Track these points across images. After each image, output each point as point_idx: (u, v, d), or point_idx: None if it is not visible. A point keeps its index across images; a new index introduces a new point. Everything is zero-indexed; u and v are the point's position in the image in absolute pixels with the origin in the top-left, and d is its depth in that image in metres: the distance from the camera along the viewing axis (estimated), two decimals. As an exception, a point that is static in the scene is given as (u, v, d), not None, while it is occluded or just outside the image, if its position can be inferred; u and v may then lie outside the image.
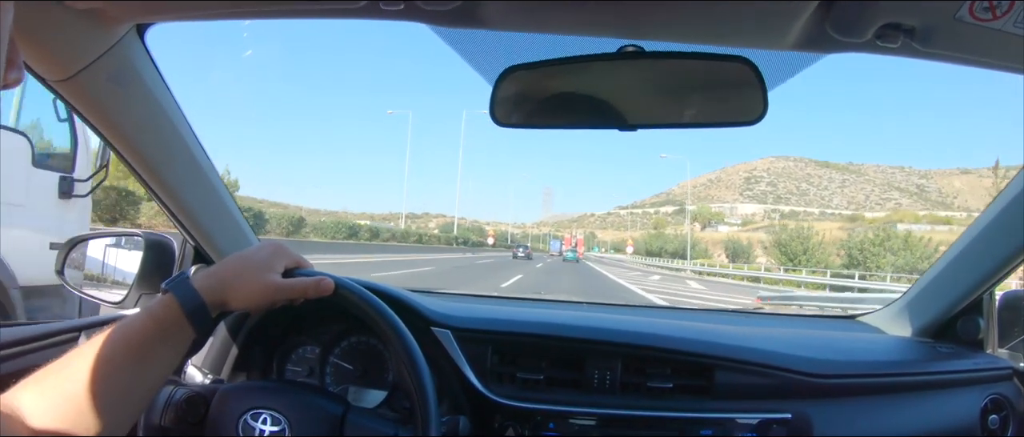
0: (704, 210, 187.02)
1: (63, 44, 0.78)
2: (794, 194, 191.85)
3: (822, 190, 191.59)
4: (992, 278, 1.20)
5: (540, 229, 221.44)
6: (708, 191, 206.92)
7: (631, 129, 0.84)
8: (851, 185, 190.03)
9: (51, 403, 0.61)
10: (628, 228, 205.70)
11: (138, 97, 0.91)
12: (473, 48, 0.80)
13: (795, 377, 1.05)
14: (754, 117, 0.79)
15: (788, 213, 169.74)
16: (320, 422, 0.79)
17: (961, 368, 1.19)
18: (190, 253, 1.17)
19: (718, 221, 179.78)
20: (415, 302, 1.05)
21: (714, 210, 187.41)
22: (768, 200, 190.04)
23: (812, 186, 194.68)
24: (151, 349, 0.68)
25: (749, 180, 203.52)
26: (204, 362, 1.00)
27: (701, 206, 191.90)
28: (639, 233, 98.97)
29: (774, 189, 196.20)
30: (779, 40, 0.73)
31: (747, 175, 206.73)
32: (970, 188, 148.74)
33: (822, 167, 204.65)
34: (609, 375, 1.04)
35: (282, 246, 0.80)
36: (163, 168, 1.00)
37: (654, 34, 0.75)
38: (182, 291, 0.71)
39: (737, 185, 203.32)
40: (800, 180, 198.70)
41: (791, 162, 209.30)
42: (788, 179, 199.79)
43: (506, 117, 0.85)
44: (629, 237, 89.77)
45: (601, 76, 0.83)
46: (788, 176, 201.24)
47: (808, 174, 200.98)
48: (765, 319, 1.62)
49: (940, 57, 0.76)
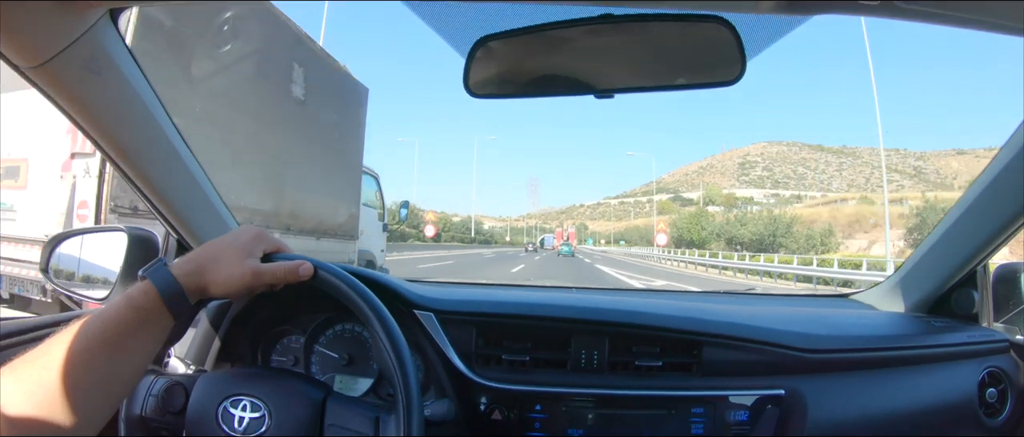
0: (714, 191, 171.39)
1: (35, 30, 0.76)
2: (792, 178, 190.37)
3: (820, 174, 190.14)
4: (985, 251, 1.19)
5: (527, 222, 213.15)
6: (701, 178, 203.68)
7: (607, 95, 0.83)
8: (849, 168, 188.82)
9: (27, 392, 0.61)
10: (620, 218, 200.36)
11: (113, 84, 0.89)
12: (444, 19, 0.79)
13: (787, 352, 1.03)
14: (732, 77, 0.78)
15: (789, 197, 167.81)
16: (301, 407, 0.78)
17: (957, 341, 1.18)
18: (173, 247, 1.16)
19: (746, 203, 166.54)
20: (397, 285, 1.04)
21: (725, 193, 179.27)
22: (766, 185, 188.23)
23: (809, 170, 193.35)
24: (129, 337, 0.68)
25: (744, 165, 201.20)
26: (187, 353, 0.99)
27: (710, 188, 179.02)
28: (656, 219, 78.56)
29: (771, 174, 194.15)
30: (755, 2, 0.72)
31: (741, 160, 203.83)
32: (968, 168, 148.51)
33: (817, 151, 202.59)
34: (596, 354, 1.03)
35: (261, 231, 0.80)
36: (141, 156, 0.99)
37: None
38: (159, 277, 0.71)
39: (731, 171, 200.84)
40: (796, 164, 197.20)
41: (784, 146, 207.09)
42: (784, 163, 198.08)
43: (480, 88, 0.84)
44: (662, 221, 69.50)
45: (576, 43, 0.81)
46: (784, 160, 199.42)
47: (803, 158, 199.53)
48: (755, 298, 1.61)
49: (922, 16, 0.74)
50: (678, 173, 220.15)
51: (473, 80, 0.83)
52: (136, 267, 1.12)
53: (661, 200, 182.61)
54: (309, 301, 1.04)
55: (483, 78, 0.84)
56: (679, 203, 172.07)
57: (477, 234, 60.56)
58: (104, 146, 0.95)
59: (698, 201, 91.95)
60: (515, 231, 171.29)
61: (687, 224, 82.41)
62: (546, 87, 0.88)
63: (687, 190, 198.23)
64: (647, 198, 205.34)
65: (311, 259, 0.78)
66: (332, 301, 0.78)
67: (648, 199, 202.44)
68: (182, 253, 1.16)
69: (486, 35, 0.80)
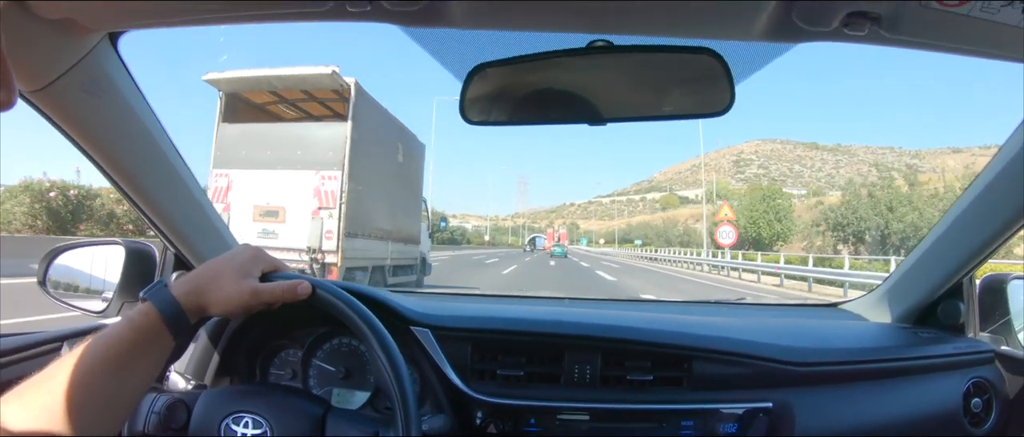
0: (722, 185, 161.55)
1: (36, 55, 0.77)
2: (789, 176, 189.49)
3: (816, 172, 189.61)
4: (971, 262, 1.21)
5: (515, 221, 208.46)
6: (695, 176, 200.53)
7: (601, 123, 0.84)
8: (846, 166, 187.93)
9: (33, 417, 0.62)
10: (615, 217, 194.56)
11: (113, 105, 0.90)
12: (442, 46, 0.81)
13: (774, 366, 1.05)
14: (721, 108, 0.80)
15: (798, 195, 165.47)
16: (301, 423, 0.79)
17: (943, 352, 1.20)
18: (171, 260, 1.17)
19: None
20: (393, 302, 1.05)
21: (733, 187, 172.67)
22: (763, 182, 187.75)
23: (805, 168, 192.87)
24: (131, 358, 0.69)
25: (738, 163, 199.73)
26: (186, 368, 1.00)
27: (720, 182, 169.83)
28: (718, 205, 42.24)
29: (767, 171, 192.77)
30: (746, 31, 0.74)
31: (735, 158, 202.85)
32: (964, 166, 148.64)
33: (811, 149, 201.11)
34: (589, 369, 1.05)
35: (259, 250, 0.80)
36: (140, 176, 1.00)
37: (621, 28, 0.75)
38: (159, 299, 0.71)
39: (726, 169, 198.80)
40: (792, 162, 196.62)
41: (779, 144, 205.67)
42: (779, 161, 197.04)
43: (477, 115, 0.86)
44: (726, 207, 30.85)
45: (570, 72, 0.83)
46: (779, 158, 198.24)
47: (799, 155, 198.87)
48: (745, 309, 1.63)
49: (908, 44, 0.76)
50: (670, 172, 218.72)
51: (469, 107, 0.85)
52: (134, 280, 1.14)
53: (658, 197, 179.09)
54: (306, 316, 1.05)
55: (479, 105, 0.86)
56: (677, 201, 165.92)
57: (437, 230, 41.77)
58: (104, 166, 0.96)
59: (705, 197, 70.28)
60: (499, 231, 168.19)
61: (757, 211, 52.82)
62: (540, 114, 0.90)
63: (683, 188, 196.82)
64: (640, 197, 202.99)
65: (309, 277, 0.79)
66: (328, 315, 0.79)
67: (641, 198, 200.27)
68: (180, 266, 1.17)
69: (482, 63, 0.81)
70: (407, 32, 0.76)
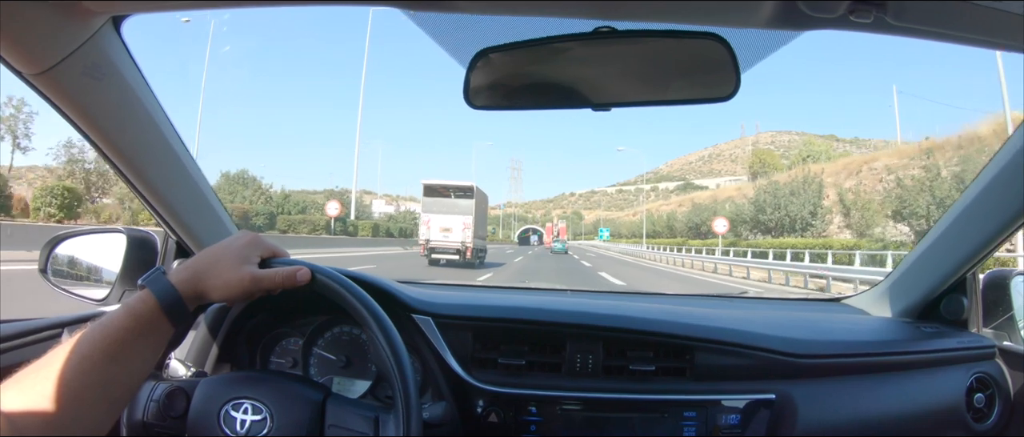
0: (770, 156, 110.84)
1: (38, 38, 0.77)
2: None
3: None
4: (975, 257, 1.21)
5: (507, 210, 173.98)
6: (709, 166, 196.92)
7: (605, 108, 0.84)
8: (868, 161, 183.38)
9: (32, 403, 0.62)
10: (624, 207, 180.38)
11: (115, 90, 0.90)
12: (445, 31, 0.80)
13: (777, 357, 1.05)
14: (726, 93, 0.79)
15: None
16: (301, 409, 0.79)
17: (945, 347, 1.19)
18: (173, 248, 1.16)
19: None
20: (395, 289, 1.05)
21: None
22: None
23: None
24: (129, 345, 0.68)
25: (755, 154, 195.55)
26: (187, 356, 1.00)
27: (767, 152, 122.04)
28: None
29: (787, 162, 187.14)
30: (752, 18, 0.73)
31: (751, 148, 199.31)
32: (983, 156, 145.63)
33: (830, 140, 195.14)
34: (591, 359, 1.04)
35: (258, 236, 0.80)
36: (142, 162, 1.00)
37: (627, 14, 0.75)
38: (158, 286, 0.71)
39: (743, 158, 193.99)
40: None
41: (795, 135, 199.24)
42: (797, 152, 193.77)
43: (480, 100, 0.86)
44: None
45: (574, 57, 0.83)
46: (796, 149, 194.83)
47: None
48: (748, 302, 1.62)
49: (913, 32, 0.75)
50: (677, 163, 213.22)
51: (473, 91, 0.85)
52: (135, 268, 1.14)
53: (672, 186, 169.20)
54: (307, 304, 1.05)
55: (482, 90, 0.85)
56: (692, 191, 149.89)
57: (354, 220, 39.44)
58: (106, 150, 0.95)
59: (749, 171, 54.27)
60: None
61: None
62: (544, 99, 0.89)
63: (697, 177, 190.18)
64: (650, 186, 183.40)
65: (308, 263, 0.79)
66: (330, 304, 0.79)
67: (652, 187, 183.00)
68: (181, 254, 1.16)
69: (486, 48, 0.81)
70: (410, 16, 0.76)
